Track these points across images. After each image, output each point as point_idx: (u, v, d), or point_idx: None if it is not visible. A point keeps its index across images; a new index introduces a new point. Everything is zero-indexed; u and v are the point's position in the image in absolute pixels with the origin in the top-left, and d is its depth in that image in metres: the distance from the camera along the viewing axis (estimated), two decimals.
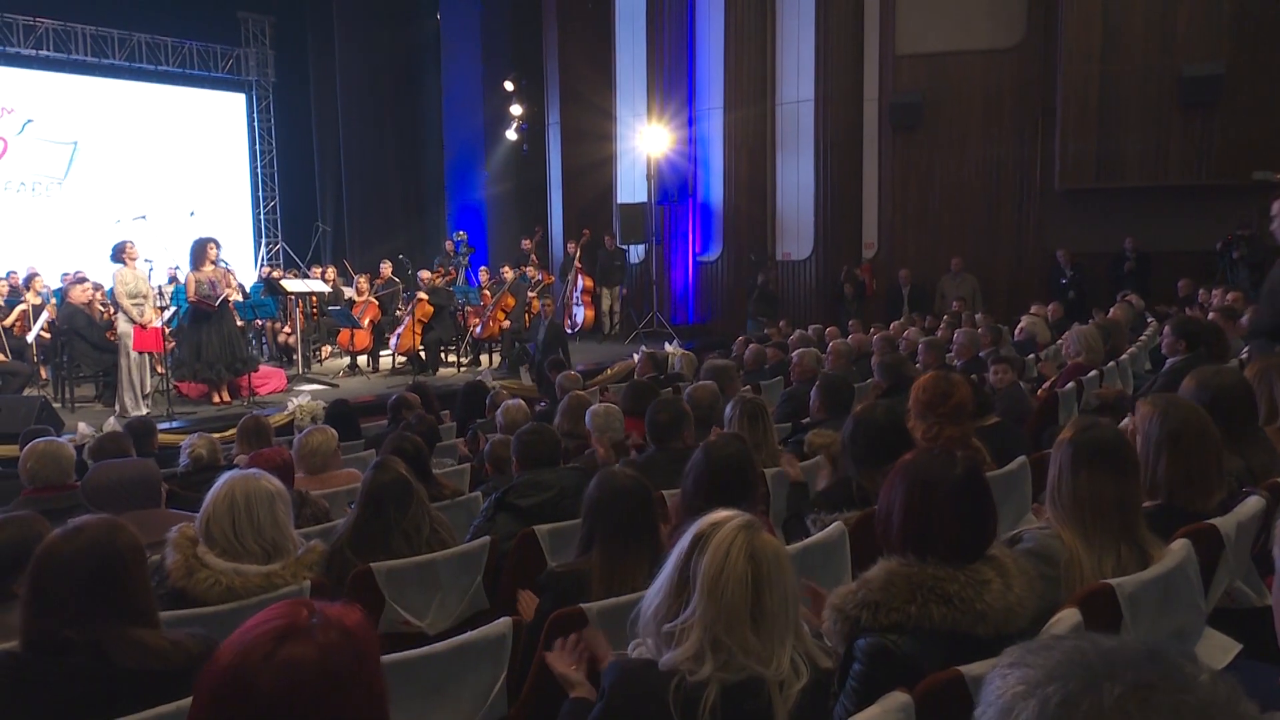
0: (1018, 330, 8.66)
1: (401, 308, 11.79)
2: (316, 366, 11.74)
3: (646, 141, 13.73)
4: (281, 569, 2.61)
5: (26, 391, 8.89)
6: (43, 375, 9.99)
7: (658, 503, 2.59)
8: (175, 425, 7.91)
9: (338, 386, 10.27)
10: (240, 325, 9.80)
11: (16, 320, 9.93)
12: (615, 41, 14.66)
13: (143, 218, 10.21)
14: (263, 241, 17.44)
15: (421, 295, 11.18)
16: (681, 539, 1.75)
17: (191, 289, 8.80)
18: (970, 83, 12.63)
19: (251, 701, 1.11)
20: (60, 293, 9.98)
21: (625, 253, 14.20)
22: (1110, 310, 9.26)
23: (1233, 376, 3.08)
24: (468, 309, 12.01)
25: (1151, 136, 11.54)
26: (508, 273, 12.63)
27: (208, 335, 8.85)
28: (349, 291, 12.54)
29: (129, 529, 1.99)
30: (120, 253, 8.51)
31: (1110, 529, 2.14)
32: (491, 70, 17.02)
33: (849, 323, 10.56)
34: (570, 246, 14.35)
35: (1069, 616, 1.84)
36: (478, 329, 11.89)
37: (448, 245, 14.63)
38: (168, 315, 9.04)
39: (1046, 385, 5.93)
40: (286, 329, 11.86)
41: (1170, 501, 2.42)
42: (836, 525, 2.80)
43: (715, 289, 14.09)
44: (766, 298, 13.04)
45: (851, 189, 13.33)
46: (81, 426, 7.00)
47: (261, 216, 17.51)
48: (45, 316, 9.79)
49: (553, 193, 15.48)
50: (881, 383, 5.74)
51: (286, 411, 8.08)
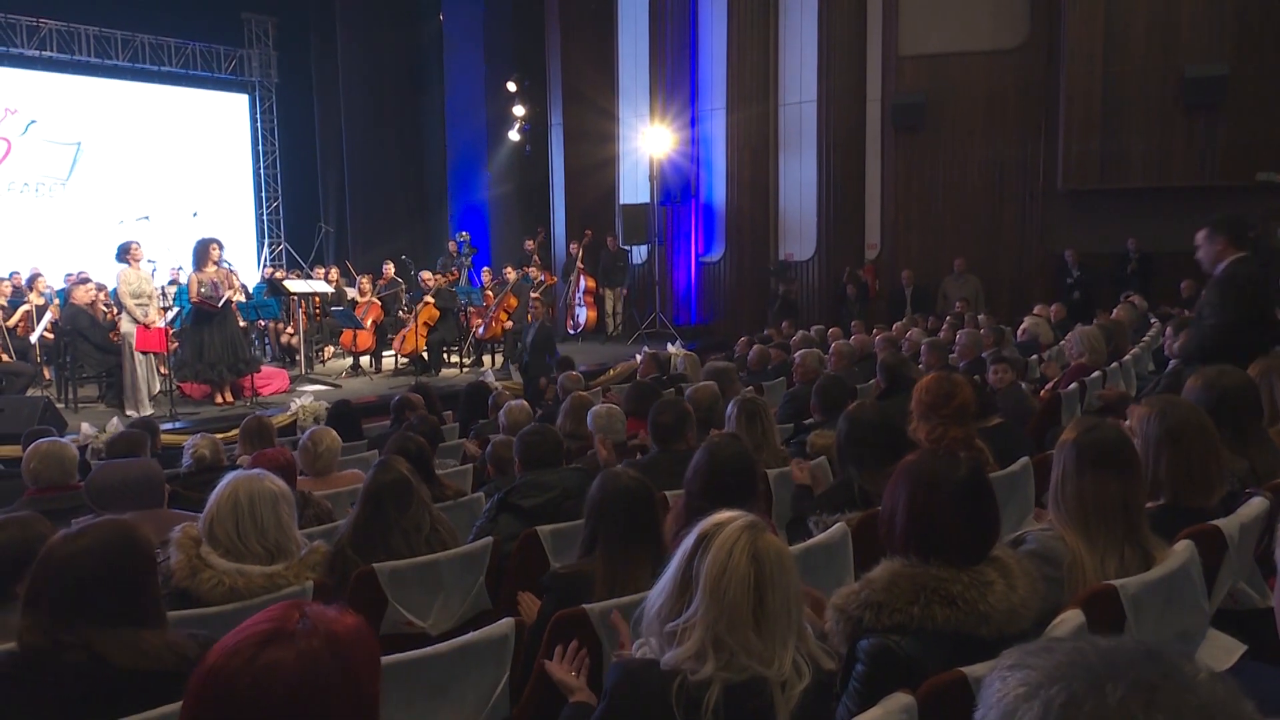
0: (1020, 331, 8.63)
1: (405, 312, 11.77)
2: (319, 367, 11.74)
3: (649, 142, 13.72)
4: (284, 570, 2.62)
5: (30, 392, 8.89)
6: (46, 376, 9.99)
7: (660, 504, 2.59)
8: (178, 426, 7.92)
9: (340, 387, 10.29)
10: (243, 326, 9.82)
11: (20, 321, 9.93)
12: (618, 42, 14.66)
13: (146, 218, 10.26)
14: (265, 242, 17.45)
15: (428, 299, 11.19)
16: (685, 539, 1.75)
17: (194, 290, 8.81)
18: (973, 83, 12.61)
19: (230, 703, 1.11)
20: (64, 293, 9.99)
21: (628, 253, 14.19)
22: (1113, 311, 9.24)
23: (1239, 377, 3.08)
24: (470, 310, 12.01)
25: (1155, 137, 11.52)
26: (510, 273, 12.64)
27: (210, 336, 8.86)
28: (351, 292, 12.54)
29: (141, 529, 2.00)
30: (125, 253, 8.55)
31: (1114, 530, 2.13)
32: (494, 71, 17.01)
33: (852, 323, 10.54)
34: (573, 247, 14.35)
35: (1072, 618, 1.84)
36: (480, 330, 11.89)
37: (450, 246, 14.63)
38: (171, 316, 9.05)
39: (1049, 386, 5.92)
40: (289, 329, 11.87)
41: (1172, 501, 2.42)
42: (839, 526, 2.79)
43: (718, 290, 14.07)
44: (788, 306, 13.03)
45: (854, 190, 13.32)
46: (84, 427, 7.02)
47: (264, 217, 17.52)
48: (48, 317, 9.80)
49: (555, 193, 15.46)
50: (881, 383, 5.73)
51: (289, 412, 8.10)
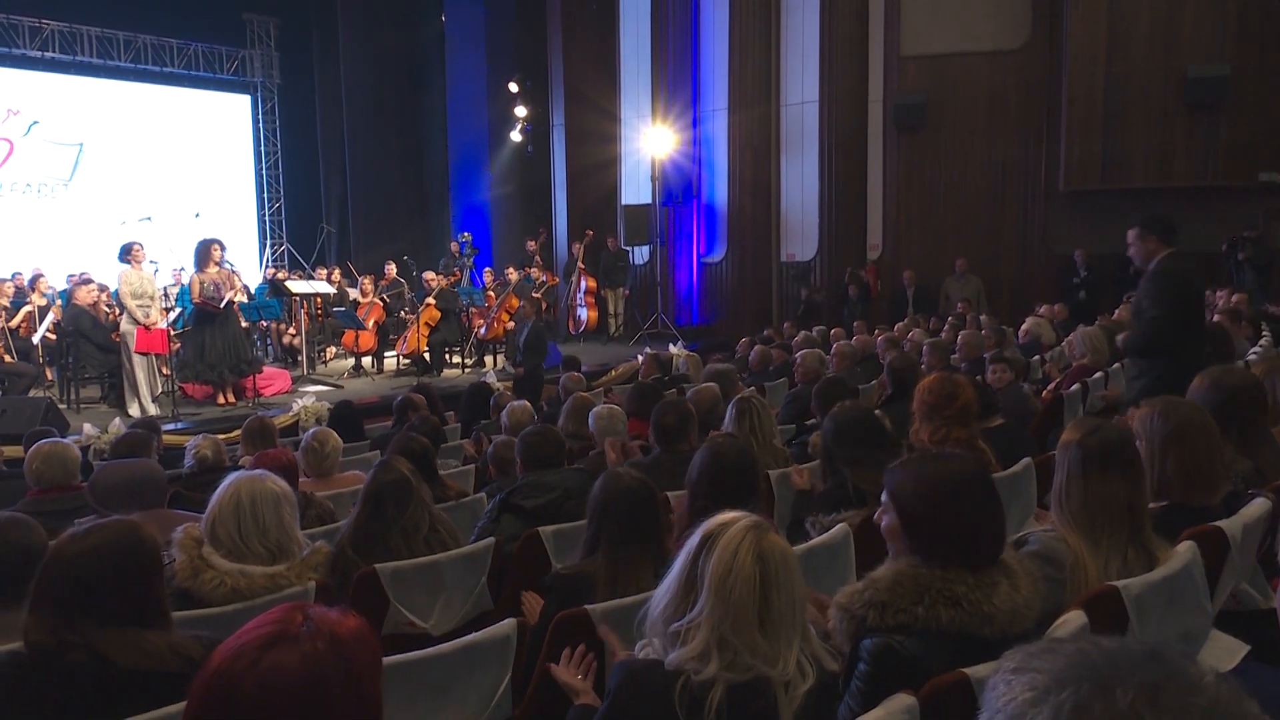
0: (1022, 332, 8.62)
1: (407, 313, 11.78)
2: (321, 368, 11.74)
3: (651, 143, 13.72)
4: (286, 570, 2.62)
5: (32, 392, 8.89)
6: (48, 376, 9.99)
7: (663, 505, 2.59)
8: (180, 426, 7.92)
9: (342, 388, 10.29)
10: (245, 326, 9.81)
11: (22, 321, 9.93)
12: (620, 43, 14.65)
13: (148, 219, 10.24)
14: (267, 243, 17.45)
15: (430, 301, 11.19)
16: (690, 539, 1.75)
17: (196, 290, 8.81)
18: (975, 84, 12.60)
19: (235, 705, 1.11)
20: (66, 294, 10.00)
21: (629, 254, 14.18)
22: (1115, 312, 9.22)
23: (1245, 376, 3.07)
24: (472, 310, 12.02)
25: (1156, 138, 11.50)
26: (512, 274, 12.65)
27: (212, 337, 8.86)
28: (354, 293, 12.54)
29: (147, 530, 2.00)
30: (127, 253, 8.56)
31: (1118, 531, 2.13)
32: (496, 72, 17.02)
33: (853, 324, 10.54)
34: (574, 248, 14.35)
35: (1075, 619, 1.84)
36: (482, 330, 11.89)
37: (452, 247, 14.66)
38: (173, 317, 9.05)
39: (1051, 387, 5.91)
40: (291, 330, 11.87)
41: (1177, 500, 2.42)
42: (841, 526, 2.79)
43: (720, 290, 14.06)
44: (813, 310, 13.01)
45: (856, 190, 13.31)
46: (87, 428, 7.02)
47: (266, 218, 17.53)
48: (51, 318, 9.80)
49: (557, 194, 15.46)
50: (888, 387, 5.69)
51: (291, 412, 8.11)
